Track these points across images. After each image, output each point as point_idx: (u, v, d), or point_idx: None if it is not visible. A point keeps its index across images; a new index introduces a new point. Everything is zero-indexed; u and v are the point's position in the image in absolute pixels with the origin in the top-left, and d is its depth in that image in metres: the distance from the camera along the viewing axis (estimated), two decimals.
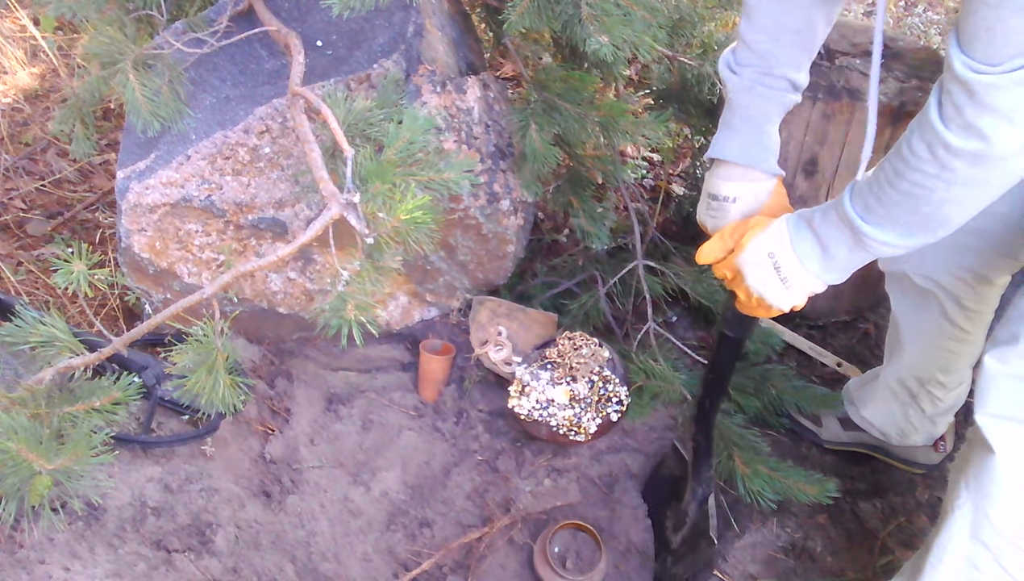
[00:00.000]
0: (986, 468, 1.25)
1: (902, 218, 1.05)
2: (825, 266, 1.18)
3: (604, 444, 2.01)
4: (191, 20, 1.86)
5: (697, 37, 2.11)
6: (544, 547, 1.79)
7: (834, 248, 1.16)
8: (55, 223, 2.46)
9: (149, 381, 1.70)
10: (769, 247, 1.23)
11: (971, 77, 0.89)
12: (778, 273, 1.22)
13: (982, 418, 1.25)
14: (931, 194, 1.00)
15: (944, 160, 0.97)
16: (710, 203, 1.38)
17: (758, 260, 1.25)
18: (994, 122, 0.91)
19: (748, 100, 1.31)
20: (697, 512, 1.75)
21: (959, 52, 0.91)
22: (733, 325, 1.48)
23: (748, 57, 1.29)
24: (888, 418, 1.89)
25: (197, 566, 1.58)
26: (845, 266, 1.18)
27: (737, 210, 1.35)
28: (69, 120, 2.00)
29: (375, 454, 1.96)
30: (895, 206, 1.05)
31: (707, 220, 1.40)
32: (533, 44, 2.81)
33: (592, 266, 2.28)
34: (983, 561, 1.30)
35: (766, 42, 1.26)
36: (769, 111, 1.31)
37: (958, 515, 1.30)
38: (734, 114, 1.33)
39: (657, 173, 2.88)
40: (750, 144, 1.32)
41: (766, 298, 1.26)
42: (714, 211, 1.38)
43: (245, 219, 1.85)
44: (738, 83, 1.30)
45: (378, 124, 1.52)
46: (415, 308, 2.17)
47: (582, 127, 1.88)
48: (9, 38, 3.03)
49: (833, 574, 1.79)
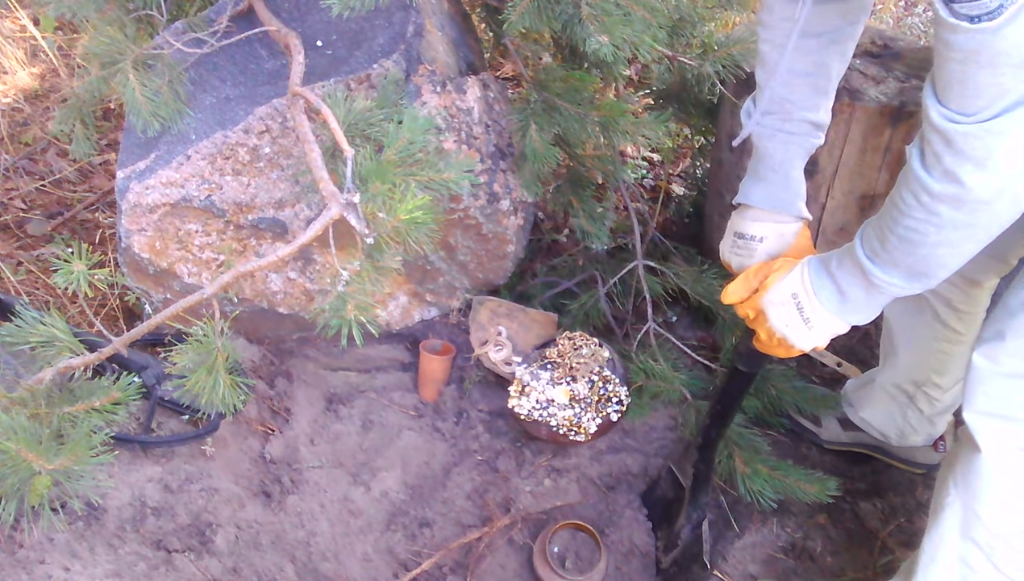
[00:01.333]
0: (973, 466, 1.26)
1: (903, 261, 1.09)
2: (844, 308, 1.21)
3: (604, 444, 2.01)
4: (191, 20, 1.86)
5: (697, 37, 2.11)
6: (544, 547, 1.79)
7: (851, 291, 1.18)
8: (55, 223, 2.46)
9: (149, 381, 1.70)
10: (792, 288, 1.25)
11: (947, 127, 0.93)
12: (801, 314, 1.25)
13: (970, 416, 1.25)
14: (924, 238, 1.04)
15: (929, 206, 1.00)
16: (735, 241, 1.41)
17: (782, 301, 1.27)
18: (970, 169, 0.94)
19: (771, 147, 1.34)
20: (690, 536, 1.77)
21: (935, 103, 0.95)
22: (747, 361, 1.51)
23: (766, 104, 1.32)
24: (887, 419, 1.90)
25: (197, 566, 1.58)
26: (864, 307, 1.20)
27: (763, 250, 1.38)
28: (69, 120, 2.00)
29: (375, 454, 1.96)
30: (895, 250, 1.08)
31: (732, 258, 1.43)
32: (533, 44, 2.81)
33: (592, 266, 2.28)
34: (976, 560, 1.30)
35: (781, 87, 1.29)
36: (792, 156, 1.34)
37: (947, 513, 1.31)
38: (759, 161, 1.36)
39: (657, 173, 2.88)
40: (776, 190, 1.36)
41: (788, 338, 1.29)
42: (739, 249, 1.40)
43: (245, 219, 1.85)
44: (760, 131, 1.34)
45: (378, 124, 1.52)
46: (415, 308, 2.17)
47: (582, 127, 1.88)
48: (9, 38, 3.03)
49: (833, 574, 1.79)
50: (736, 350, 1.53)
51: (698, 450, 1.71)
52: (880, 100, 1.90)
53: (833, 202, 2.07)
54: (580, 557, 1.84)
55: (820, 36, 1.25)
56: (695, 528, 1.78)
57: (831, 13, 1.24)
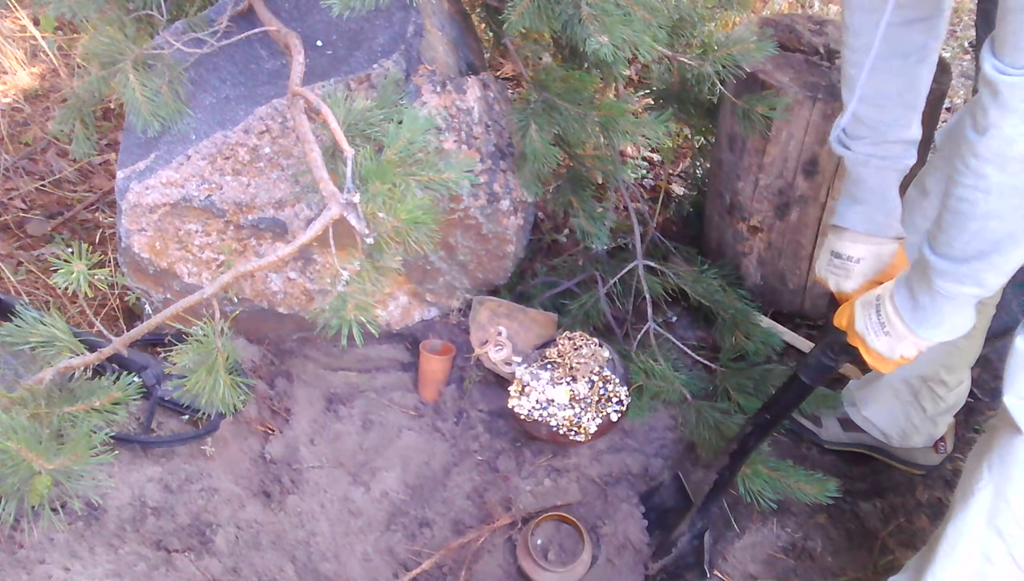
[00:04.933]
0: (1011, 449, 1.26)
1: (957, 240, 1.09)
2: (916, 316, 1.21)
3: (604, 444, 2.01)
4: (191, 20, 1.86)
5: (697, 37, 2.11)
6: (526, 539, 1.79)
7: (920, 296, 1.19)
8: (55, 223, 2.46)
9: (149, 381, 1.70)
10: (879, 292, 1.29)
11: (997, 77, 0.96)
12: (879, 317, 1.27)
13: (1011, 399, 1.25)
14: (974, 208, 1.05)
15: (976, 168, 1.02)
16: (832, 260, 1.43)
17: (866, 302, 1.30)
18: (1015, 122, 0.96)
19: (865, 173, 1.36)
20: (687, 546, 1.77)
21: (990, 56, 0.97)
22: (812, 372, 1.52)
23: (857, 129, 1.34)
24: (889, 418, 1.90)
25: (197, 566, 1.58)
26: (933, 316, 1.19)
27: (859, 270, 1.40)
28: (69, 120, 2.00)
29: (375, 454, 1.96)
30: (950, 228, 1.09)
31: (828, 276, 1.45)
32: (533, 44, 2.81)
33: (592, 266, 2.28)
34: (997, 553, 1.30)
35: (871, 110, 1.31)
36: (887, 180, 1.36)
37: (978, 498, 1.30)
38: (854, 185, 1.39)
39: (657, 173, 2.88)
40: (873, 214, 1.38)
41: (866, 340, 1.30)
42: (836, 268, 1.43)
43: (245, 219, 1.85)
44: (853, 157, 1.36)
45: (378, 124, 1.51)
46: (415, 308, 2.17)
47: (582, 127, 1.88)
48: (9, 38, 3.03)
49: (833, 574, 1.79)
50: (804, 360, 1.54)
51: (730, 456, 1.69)
52: None
53: (833, 202, 2.07)
54: (564, 549, 1.84)
55: (908, 56, 1.27)
56: (696, 538, 1.77)
57: (916, 32, 1.26)
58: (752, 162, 2.14)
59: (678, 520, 1.81)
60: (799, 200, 2.11)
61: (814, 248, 2.17)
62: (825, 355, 1.47)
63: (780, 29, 2.16)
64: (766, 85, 2.01)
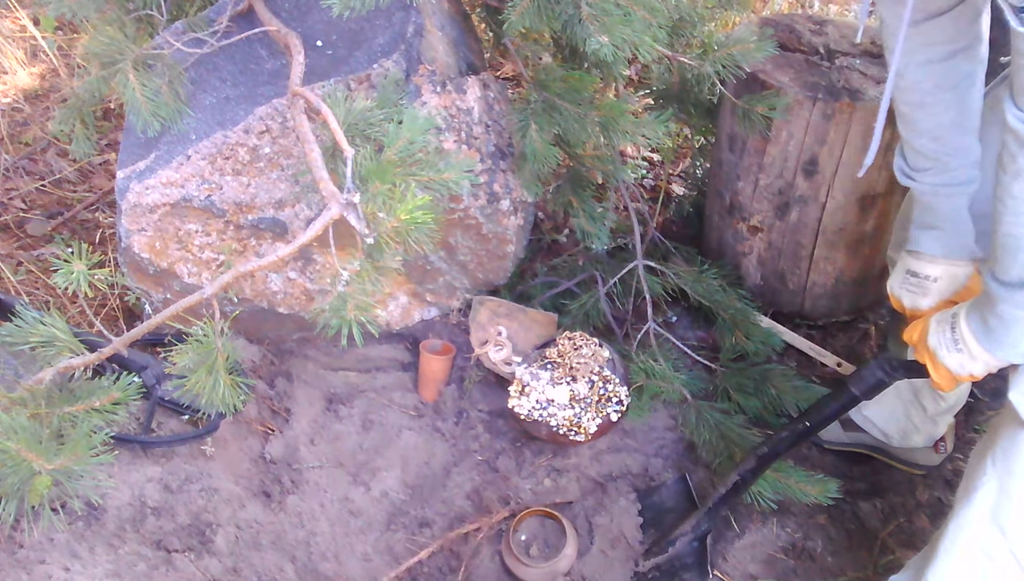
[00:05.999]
0: (1015, 445, 1.27)
1: (1012, 268, 1.14)
2: (988, 338, 1.24)
3: (604, 444, 2.01)
4: (191, 20, 1.86)
5: (697, 37, 2.11)
6: (509, 535, 1.79)
7: (991, 319, 1.22)
8: (55, 223, 2.46)
9: (149, 381, 1.70)
10: (955, 310, 1.32)
11: (1020, 127, 1.04)
12: (953, 333, 1.29)
13: (1016, 396, 1.26)
14: (1020, 241, 1.11)
15: (1014, 209, 1.09)
16: (908, 278, 1.46)
17: (941, 319, 1.33)
18: None
19: (935, 202, 1.39)
20: (688, 546, 1.76)
21: (1012, 107, 1.04)
22: (864, 386, 1.52)
23: (919, 161, 1.38)
24: (890, 418, 1.90)
25: (197, 566, 1.58)
26: (1004, 338, 1.22)
27: (936, 290, 1.43)
28: (69, 120, 2.00)
29: (375, 454, 1.96)
30: (1003, 258, 1.15)
31: (903, 295, 1.47)
32: (533, 44, 2.81)
33: (592, 266, 2.28)
34: (998, 550, 1.30)
35: (931, 144, 1.35)
36: (958, 205, 1.39)
37: (981, 493, 1.31)
38: (926, 213, 1.42)
39: (657, 173, 2.88)
40: (947, 238, 1.41)
41: (937, 355, 1.32)
42: (913, 287, 1.45)
43: (245, 219, 1.85)
44: (920, 189, 1.39)
45: (378, 124, 1.51)
46: (415, 308, 2.17)
47: (582, 127, 1.88)
48: (9, 38, 3.03)
49: (833, 574, 1.79)
50: (858, 372, 1.53)
51: (757, 459, 1.68)
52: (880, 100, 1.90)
53: (833, 202, 2.07)
54: (548, 544, 1.84)
55: (956, 87, 1.30)
56: (698, 540, 1.76)
57: (961, 62, 1.28)
58: (752, 162, 2.14)
59: (677, 520, 1.80)
60: (799, 200, 2.11)
61: (814, 248, 2.17)
62: (882, 370, 1.48)
63: (780, 29, 2.16)
64: (766, 85, 2.01)
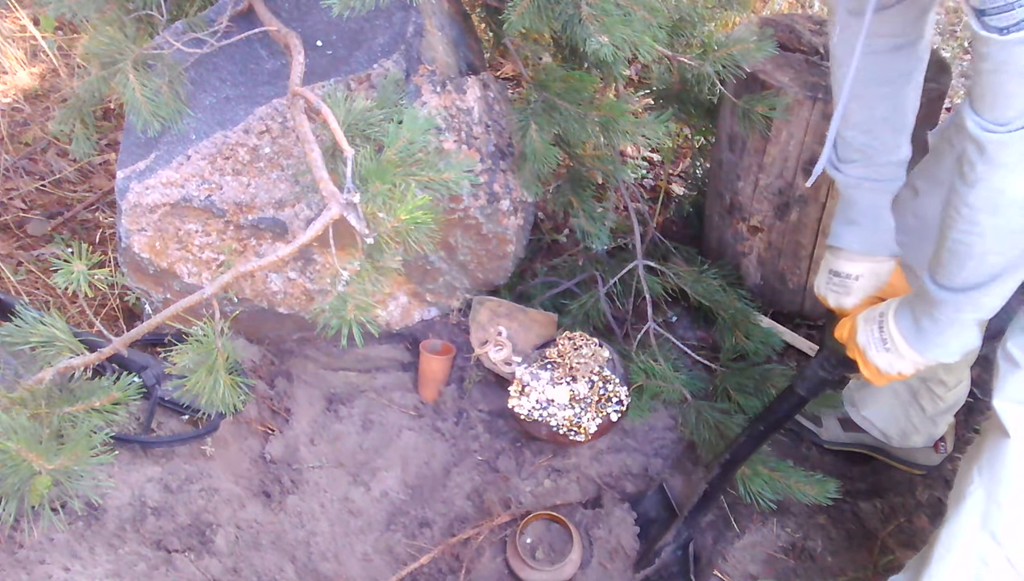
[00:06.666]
0: (1000, 453, 1.27)
1: (957, 275, 1.12)
2: (919, 338, 1.24)
3: (604, 444, 2.01)
4: (191, 20, 1.86)
5: (697, 37, 2.11)
6: (515, 538, 1.79)
7: (923, 319, 1.22)
8: (55, 223, 2.46)
9: (149, 381, 1.70)
10: (882, 309, 1.31)
11: (981, 136, 0.99)
12: (881, 333, 1.29)
13: (1000, 403, 1.27)
14: (971, 250, 1.08)
15: (969, 217, 1.05)
16: (831, 278, 1.46)
17: (869, 318, 1.33)
18: (1003, 174, 1.00)
19: (858, 195, 1.39)
20: (671, 556, 1.77)
21: (971, 113, 1.00)
22: (808, 385, 1.53)
23: (848, 153, 1.37)
24: (889, 418, 1.90)
25: (197, 566, 1.58)
26: (937, 338, 1.22)
27: (859, 287, 1.43)
28: (69, 120, 2.00)
29: (375, 454, 1.96)
30: (949, 264, 1.12)
31: (828, 294, 1.47)
32: (533, 44, 2.81)
33: (592, 266, 2.28)
34: (992, 556, 1.30)
35: (861, 136, 1.34)
36: (880, 201, 1.40)
37: (969, 502, 1.31)
38: (848, 207, 1.42)
39: (657, 173, 2.88)
40: (868, 234, 1.41)
41: (866, 354, 1.32)
42: (836, 286, 1.45)
43: (245, 219, 1.85)
44: (844, 180, 1.39)
45: (378, 124, 1.52)
46: (415, 308, 2.17)
47: (582, 127, 1.88)
48: (9, 38, 3.03)
49: (833, 574, 1.79)
50: (801, 372, 1.55)
51: (721, 466, 1.70)
52: None
53: (833, 202, 2.07)
54: (553, 549, 1.84)
55: (892, 82, 1.29)
56: (680, 548, 1.77)
57: (900, 58, 1.28)
58: (752, 162, 2.14)
59: (660, 531, 1.81)
60: (799, 200, 2.11)
61: (814, 248, 2.17)
62: (823, 368, 1.49)
63: (780, 29, 2.16)
64: (766, 85, 2.01)
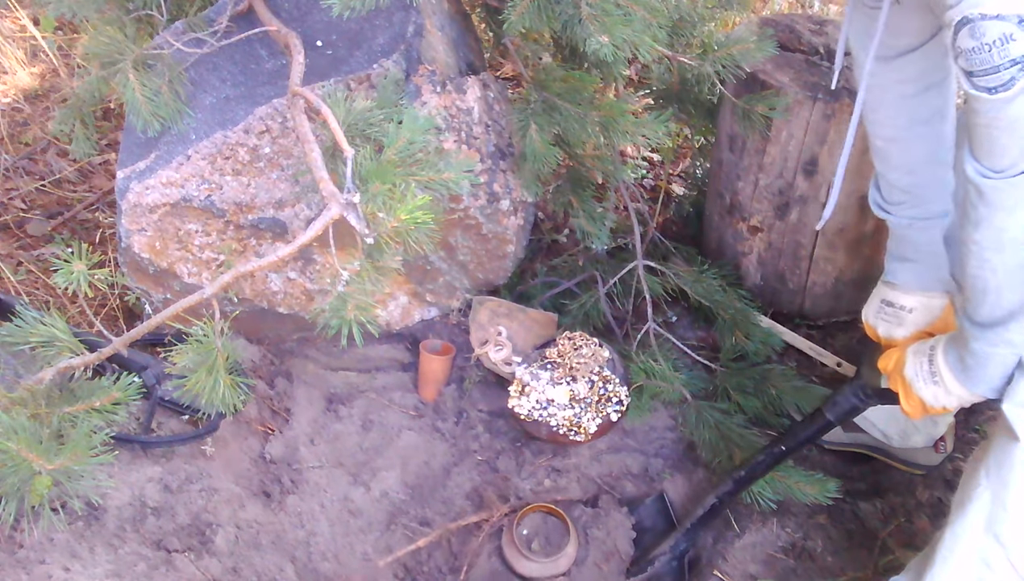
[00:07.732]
0: (1008, 456, 1.27)
1: (980, 309, 1.18)
2: (965, 375, 1.27)
3: (604, 444, 2.01)
4: (191, 20, 1.86)
5: (697, 37, 2.11)
6: (512, 529, 1.79)
7: (967, 357, 1.25)
8: (55, 223, 2.46)
9: (149, 381, 1.70)
10: (933, 342, 1.35)
11: (980, 181, 1.06)
12: (930, 366, 1.32)
13: (1010, 407, 1.27)
14: (986, 285, 1.14)
15: (977, 254, 1.13)
16: (884, 308, 1.48)
17: (919, 350, 1.35)
18: (1003, 216, 1.08)
19: (910, 234, 1.42)
20: (665, 567, 1.77)
21: (971, 158, 1.07)
22: (838, 411, 1.54)
23: (894, 195, 1.41)
24: (890, 418, 1.89)
25: (197, 566, 1.58)
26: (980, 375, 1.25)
27: (912, 320, 1.45)
28: (69, 120, 2.00)
29: (375, 454, 1.96)
30: (971, 298, 1.19)
31: (878, 323, 1.50)
32: (533, 44, 2.81)
33: (592, 266, 2.28)
34: (996, 559, 1.30)
35: (905, 177, 1.38)
36: (932, 238, 1.43)
37: (975, 506, 1.31)
38: (899, 244, 1.45)
39: (657, 173, 2.88)
40: (921, 270, 1.45)
41: (913, 386, 1.34)
42: (888, 317, 1.48)
43: (245, 219, 1.85)
44: (895, 222, 1.43)
45: (378, 124, 1.52)
46: (415, 308, 2.17)
47: (582, 127, 1.88)
48: (9, 38, 3.03)
49: (833, 574, 1.79)
50: (832, 398, 1.55)
51: (735, 482, 1.70)
52: None
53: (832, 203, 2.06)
54: (549, 541, 1.84)
55: (929, 121, 1.32)
56: (675, 560, 1.77)
57: (932, 97, 1.31)
58: (752, 162, 2.14)
59: (656, 539, 1.81)
60: (799, 200, 2.11)
61: (814, 248, 2.17)
62: (857, 396, 1.49)
63: (780, 29, 2.16)
64: (766, 85, 2.01)
